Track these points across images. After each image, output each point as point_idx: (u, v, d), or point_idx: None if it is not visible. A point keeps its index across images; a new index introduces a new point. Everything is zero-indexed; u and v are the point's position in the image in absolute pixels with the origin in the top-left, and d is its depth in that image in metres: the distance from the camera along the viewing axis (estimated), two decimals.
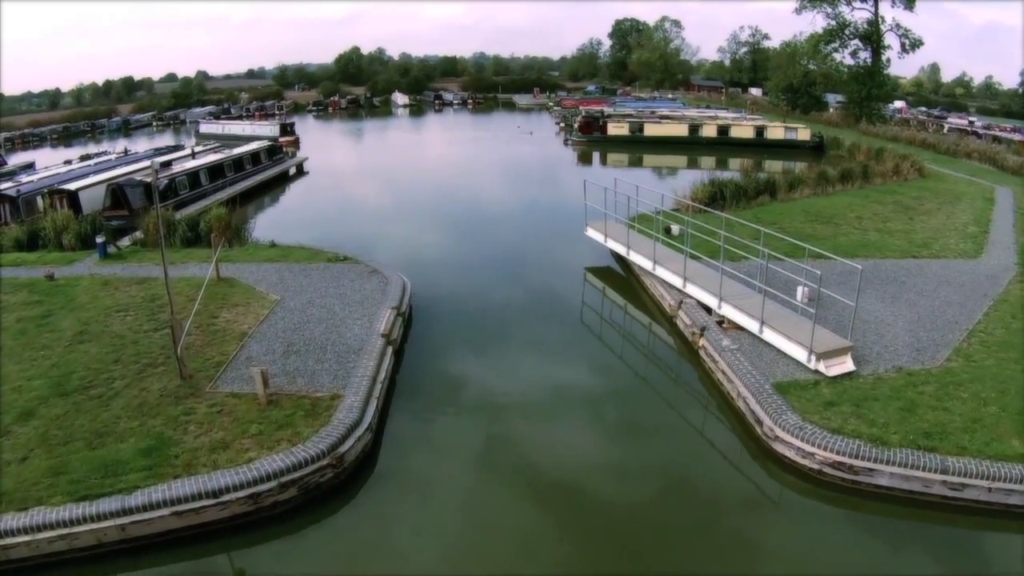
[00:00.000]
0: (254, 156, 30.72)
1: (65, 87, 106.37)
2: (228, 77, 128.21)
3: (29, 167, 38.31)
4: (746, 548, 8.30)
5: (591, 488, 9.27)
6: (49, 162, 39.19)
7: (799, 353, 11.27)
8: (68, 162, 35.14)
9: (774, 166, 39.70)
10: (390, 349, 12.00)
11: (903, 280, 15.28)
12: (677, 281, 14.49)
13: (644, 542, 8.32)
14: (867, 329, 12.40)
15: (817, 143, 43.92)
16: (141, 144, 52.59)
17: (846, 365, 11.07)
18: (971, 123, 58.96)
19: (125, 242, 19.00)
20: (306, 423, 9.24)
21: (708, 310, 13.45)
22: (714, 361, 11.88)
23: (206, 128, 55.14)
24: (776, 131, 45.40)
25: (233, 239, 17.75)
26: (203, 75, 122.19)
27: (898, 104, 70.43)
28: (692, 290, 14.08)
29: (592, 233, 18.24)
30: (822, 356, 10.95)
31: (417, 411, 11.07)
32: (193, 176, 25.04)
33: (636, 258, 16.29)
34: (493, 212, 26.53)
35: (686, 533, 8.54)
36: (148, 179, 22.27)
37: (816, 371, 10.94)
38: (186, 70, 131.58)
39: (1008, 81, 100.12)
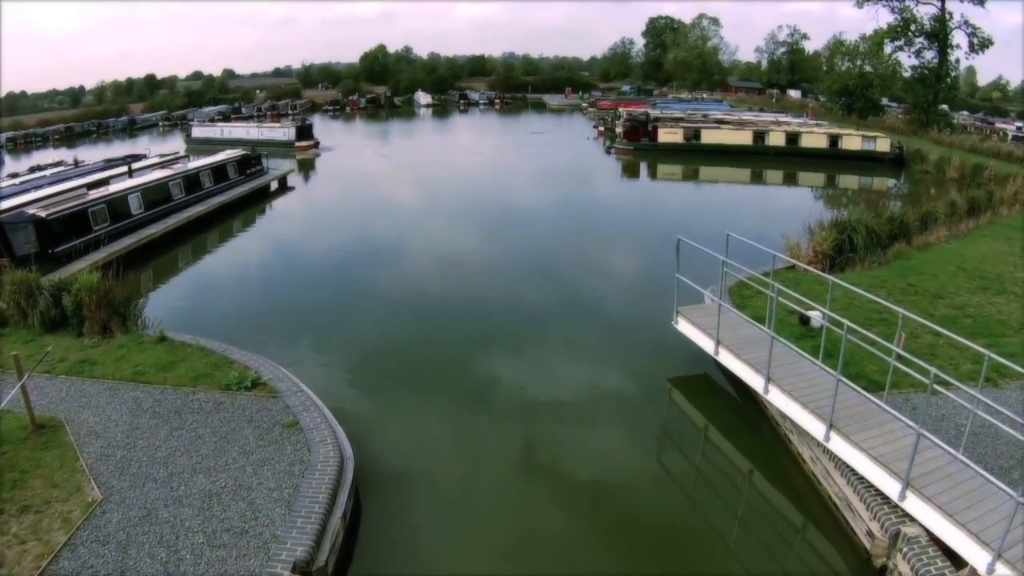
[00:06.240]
0: (217, 171, 23.99)
1: (93, 85, 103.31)
2: (254, 75, 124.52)
3: None
4: None
5: None
6: (19, 168, 34.25)
7: None
8: (15, 175, 29.52)
9: (849, 181, 34.39)
10: None
11: None
12: (891, 488, 6.90)
13: None
14: None
15: (897, 155, 38.24)
16: (146, 145, 46.59)
17: None
18: (1019, 128, 53.72)
19: None
20: None
21: (952, 555, 6.27)
22: None
23: (200, 132, 47.70)
24: (852, 140, 39.20)
25: (111, 321, 11.22)
26: (228, 73, 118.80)
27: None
28: (926, 516, 6.51)
29: (688, 330, 10.89)
30: None
31: None
32: (118, 203, 18.35)
33: (790, 410, 8.48)
34: (516, 271, 17.56)
35: None
36: (42, 213, 16.08)
37: None
38: (216, 68, 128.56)
39: None
